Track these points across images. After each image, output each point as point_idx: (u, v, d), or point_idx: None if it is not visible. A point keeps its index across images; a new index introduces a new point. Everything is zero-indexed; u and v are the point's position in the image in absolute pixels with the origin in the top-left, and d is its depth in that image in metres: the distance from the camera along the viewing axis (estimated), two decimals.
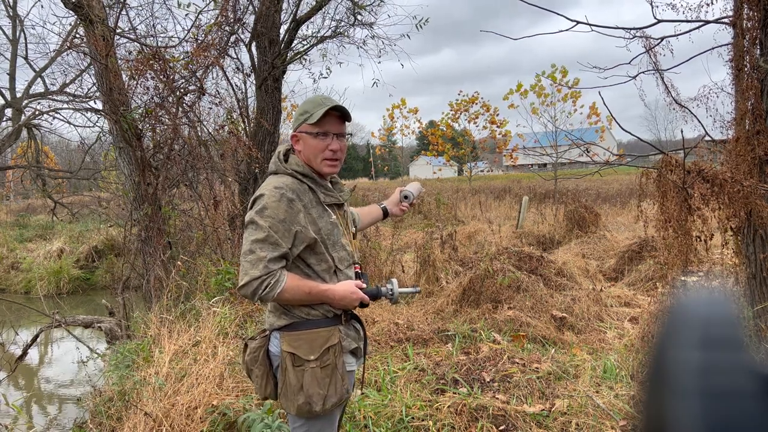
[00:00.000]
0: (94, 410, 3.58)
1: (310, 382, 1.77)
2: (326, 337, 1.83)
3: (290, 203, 1.76)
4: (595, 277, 7.29)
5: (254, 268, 1.71)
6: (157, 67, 5.66)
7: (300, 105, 1.93)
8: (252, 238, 1.74)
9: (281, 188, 1.77)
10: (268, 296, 1.73)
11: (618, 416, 3.11)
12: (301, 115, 1.87)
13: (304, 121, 1.85)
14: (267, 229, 1.73)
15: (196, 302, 4.68)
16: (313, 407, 1.77)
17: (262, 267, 1.71)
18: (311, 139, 1.85)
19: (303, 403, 1.76)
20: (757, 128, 3.15)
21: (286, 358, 1.79)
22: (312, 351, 1.79)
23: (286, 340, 1.81)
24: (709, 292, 0.37)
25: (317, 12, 7.10)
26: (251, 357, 1.90)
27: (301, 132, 1.87)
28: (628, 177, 22.15)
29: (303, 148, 1.87)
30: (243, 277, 1.73)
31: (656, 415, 0.34)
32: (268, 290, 1.72)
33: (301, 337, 1.81)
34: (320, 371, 1.78)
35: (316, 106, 1.86)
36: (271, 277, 1.72)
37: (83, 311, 9.04)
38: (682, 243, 3.22)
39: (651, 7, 3.68)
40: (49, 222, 15.68)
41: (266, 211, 1.74)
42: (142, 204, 5.74)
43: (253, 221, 1.75)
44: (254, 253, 1.72)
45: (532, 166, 54.49)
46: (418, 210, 16.12)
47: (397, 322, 5.07)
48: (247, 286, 1.72)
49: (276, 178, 1.85)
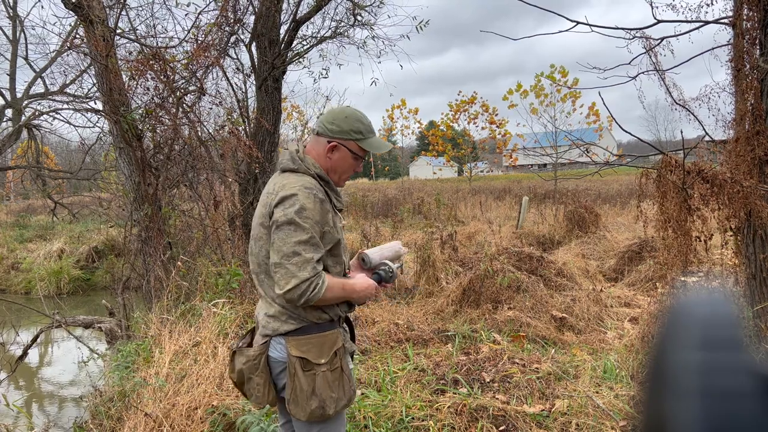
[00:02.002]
0: (95, 410, 3.58)
1: (322, 386, 1.76)
2: (333, 339, 1.83)
3: (322, 204, 1.75)
4: (595, 278, 7.29)
5: (302, 270, 1.68)
6: (157, 67, 5.66)
7: (347, 114, 1.87)
8: (294, 239, 1.69)
9: (311, 189, 1.75)
10: (315, 297, 1.71)
11: (618, 416, 3.11)
12: (352, 131, 1.84)
13: (355, 139, 1.85)
14: (309, 230, 1.70)
15: (196, 302, 4.68)
16: (326, 411, 1.76)
17: (310, 269, 1.69)
18: (351, 158, 1.87)
19: (316, 407, 1.75)
20: (757, 128, 3.15)
21: (296, 363, 1.76)
22: (322, 354, 1.78)
23: (293, 345, 1.78)
24: (709, 292, 0.37)
25: (317, 12, 7.10)
26: (251, 365, 1.84)
27: (344, 146, 1.85)
28: (628, 177, 22.15)
29: (336, 160, 1.86)
30: (289, 280, 1.68)
31: (656, 416, 0.34)
32: (316, 291, 1.70)
33: (311, 341, 1.79)
34: (330, 374, 1.78)
35: (370, 132, 1.88)
36: (318, 277, 1.71)
37: (83, 311, 9.04)
38: (681, 243, 3.22)
39: (651, 7, 3.68)
40: (49, 222, 15.68)
41: (305, 212, 1.71)
42: (142, 204, 5.74)
43: (293, 222, 1.70)
44: (300, 255, 1.69)
45: (532, 167, 54.51)
46: (418, 210, 16.12)
47: (397, 323, 5.07)
48: (296, 288, 1.68)
49: (299, 177, 1.80)
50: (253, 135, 6.92)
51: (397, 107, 38.94)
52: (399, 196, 20.23)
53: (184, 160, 6.16)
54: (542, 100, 24.02)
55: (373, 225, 10.08)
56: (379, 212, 16.02)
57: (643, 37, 3.83)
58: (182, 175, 6.17)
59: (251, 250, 1.90)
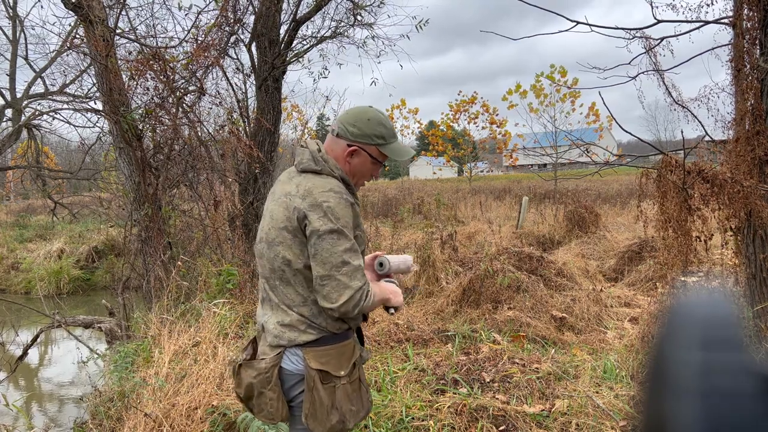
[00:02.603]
0: (95, 410, 3.58)
1: (343, 399, 1.69)
2: (351, 349, 1.77)
3: (352, 208, 1.69)
4: (595, 278, 7.29)
5: (354, 280, 1.62)
6: (157, 67, 5.66)
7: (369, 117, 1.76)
8: (341, 248, 1.62)
9: (341, 193, 1.68)
10: (367, 306, 1.64)
11: (618, 416, 3.11)
12: (375, 135, 1.75)
13: (376, 144, 1.77)
14: (350, 237, 1.65)
15: (196, 302, 4.68)
16: (346, 425, 1.69)
17: (360, 276, 1.63)
18: (370, 163, 1.79)
19: (337, 422, 1.67)
20: (757, 128, 3.15)
21: (315, 376, 1.67)
22: (341, 366, 1.71)
23: (312, 356, 1.69)
24: (709, 292, 0.37)
25: (317, 12, 7.10)
26: (263, 378, 1.72)
27: (365, 150, 1.76)
28: (628, 177, 22.16)
29: (356, 164, 1.78)
30: (343, 291, 1.61)
31: (656, 416, 0.34)
32: (367, 299, 1.64)
33: (330, 353, 1.71)
34: (350, 387, 1.72)
35: (392, 137, 1.80)
36: (368, 285, 1.66)
37: (83, 311, 9.04)
38: (682, 243, 3.22)
39: (651, 7, 3.69)
40: (49, 222, 15.67)
41: (341, 220, 1.64)
42: (142, 204, 5.74)
43: (336, 230, 1.62)
44: (349, 263, 1.62)
45: (532, 167, 54.53)
46: (418, 210, 16.12)
47: (397, 323, 5.07)
48: (351, 300, 1.61)
49: (325, 180, 1.71)
50: (253, 135, 6.92)
51: (396, 107, 38.94)
52: (399, 196, 20.23)
53: (184, 160, 6.16)
54: (542, 100, 24.03)
55: (373, 225, 10.07)
56: (379, 212, 16.02)
57: (643, 37, 3.84)
58: (182, 175, 6.17)
59: (262, 253, 1.78)
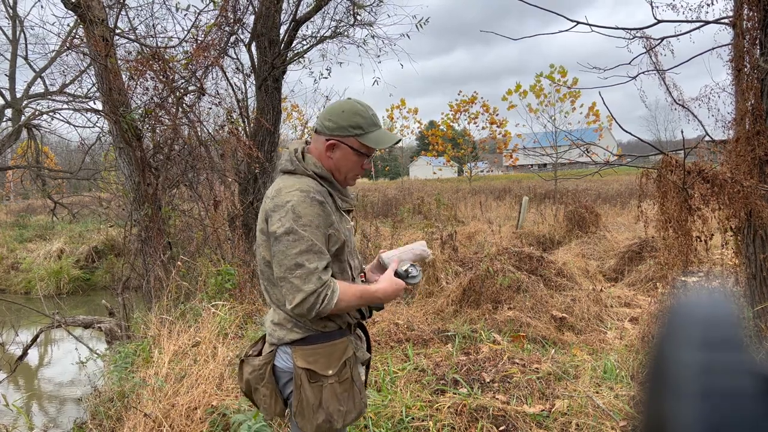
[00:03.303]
0: (94, 410, 3.58)
1: (330, 399, 1.67)
2: (342, 349, 1.74)
3: (321, 206, 1.63)
4: (595, 278, 7.29)
5: (307, 283, 1.58)
6: (156, 67, 5.66)
7: (344, 108, 1.72)
8: (295, 250, 1.59)
9: (308, 191, 1.63)
10: (326, 309, 1.60)
11: (618, 417, 3.11)
12: (351, 126, 1.69)
13: (354, 135, 1.70)
14: (309, 238, 1.59)
15: (195, 303, 4.68)
16: (333, 425, 1.67)
17: (315, 279, 1.58)
18: (353, 155, 1.72)
19: (323, 421, 1.66)
20: (757, 128, 3.15)
21: (302, 374, 1.68)
22: (330, 365, 1.69)
23: (299, 355, 1.69)
24: (709, 292, 0.37)
25: (317, 12, 7.10)
26: (256, 375, 1.76)
27: (344, 143, 1.71)
28: (628, 177, 22.16)
29: (338, 159, 1.73)
30: (296, 294, 1.59)
31: (656, 416, 0.34)
32: (326, 303, 1.60)
33: (318, 351, 1.70)
34: (339, 386, 1.69)
35: (372, 125, 1.73)
36: (326, 287, 1.60)
37: (83, 311, 9.04)
38: (682, 243, 3.22)
39: (651, 7, 3.68)
40: (49, 222, 15.68)
41: (302, 219, 1.59)
42: (142, 204, 5.74)
43: (291, 231, 1.59)
44: (303, 266, 1.58)
45: (532, 167, 54.54)
46: (418, 210, 16.12)
47: (397, 323, 5.07)
48: (303, 303, 1.58)
49: (295, 180, 1.69)
50: (253, 135, 6.92)
51: (396, 107, 38.94)
52: (399, 196, 20.24)
53: (183, 160, 6.16)
54: (542, 100, 24.03)
55: (373, 225, 10.07)
56: (379, 212, 16.02)
57: (643, 37, 3.84)
58: (182, 175, 6.17)
59: (257, 255, 1.81)
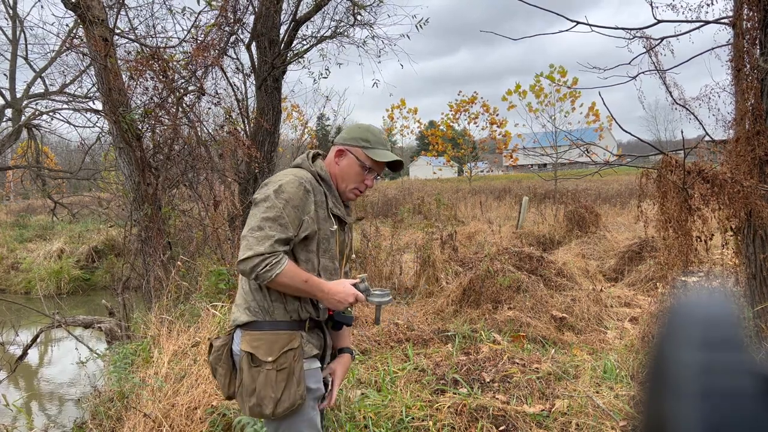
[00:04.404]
0: (94, 410, 3.58)
1: (264, 384, 1.73)
2: (287, 340, 1.78)
3: (306, 193, 1.77)
4: (595, 278, 7.29)
5: (260, 245, 1.68)
6: (156, 67, 5.66)
7: (359, 125, 1.94)
8: (263, 215, 1.71)
9: (301, 178, 1.79)
10: (266, 276, 1.68)
11: (618, 416, 3.11)
12: (361, 139, 1.88)
13: (361, 147, 1.88)
14: (281, 210, 1.71)
15: (195, 303, 4.68)
16: (263, 410, 1.72)
17: (268, 245, 1.68)
18: (357, 166, 1.88)
19: (254, 404, 1.73)
20: (757, 128, 3.15)
21: (244, 357, 1.76)
22: (270, 352, 1.75)
23: (246, 339, 1.78)
24: (709, 292, 0.37)
25: (317, 12, 7.10)
26: (215, 356, 1.88)
27: (351, 152, 1.89)
28: (628, 177, 22.16)
29: (343, 166, 1.89)
30: (245, 251, 1.69)
31: (656, 416, 0.34)
32: (267, 269, 1.68)
33: (261, 337, 1.77)
34: (276, 374, 1.73)
35: (380, 144, 1.90)
36: (274, 257, 1.69)
37: (83, 311, 9.04)
38: (682, 243, 3.22)
39: (651, 7, 3.68)
40: (49, 222, 15.68)
41: (282, 194, 1.73)
42: (142, 204, 5.74)
43: (268, 198, 1.73)
44: (263, 230, 1.70)
45: (532, 167, 54.54)
46: (418, 210, 16.12)
47: (397, 323, 5.07)
48: (248, 261, 1.68)
49: (296, 170, 1.85)
50: (253, 135, 6.92)
51: (396, 107, 38.95)
52: (399, 196, 20.24)
53: (183, 160, 6.16)
54: (542, 99, 24.03)
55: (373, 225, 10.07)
56: (379, 212, 16.02)
57: (643, 37, 3.84)
58: (182, 175, 6.16)
59: None
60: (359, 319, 5.23)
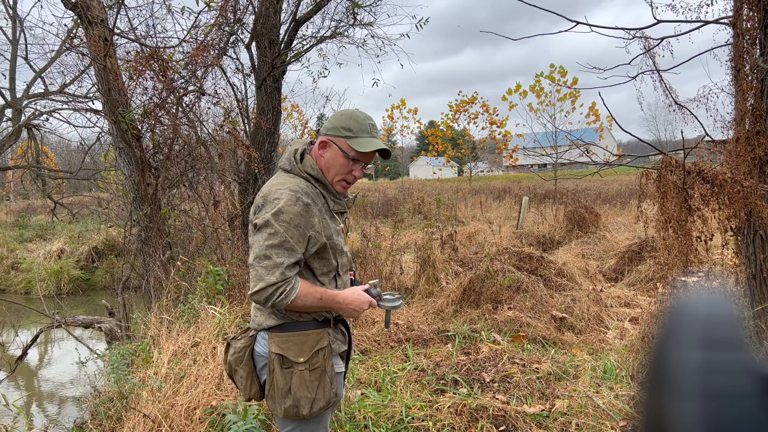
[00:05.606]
0: (94, 411, 3.58)
1: (299, 385, 1.74)
2: (316, 339, 1.80)
3: (306, 207, 1.71)
4: (595, 278, 7.29)
5: (270, 275, 1.66)
6: (156, 67, 5.66)
7: (343, 112, 1.84)
8: (267, 243, 1.67)
9: (297, 191, 1.72)
10: (282, 303, 1.68)
11: (618, 417, 3.11)
12: (343, 128, 1.79)
13: (344, 137, 1.79)
14: (283, 234, 1.67)
15: (195, 303, 4.68)
16: (300, 410, 1.74)
17: (278, 273, 1.66)
18: (341, 158, 1.80)
19: (290, 406, 1.74)
20: (757, 128, 3.15)
21: (275, 359, 1.76)
22: (301, 353, 1.76)
23: (275, 341, 1.78)
24: (709, 292, 0.37)
25: (317, 12, 7.10)
26: (236, 357, 1.86)
27: (335, 143, 1.80)
28: (628, 177, 22.17)
29: (328, 158, 1.81)
30: (257, 282, 1.67)
31: (656, 416, 0.34)
32: (282, 297, 1.67)
33: (291, 339, 1.78)
34: (309, 374, 1.76)
35: (364, 132, 1.80)
36: (287, 284, 1.68)
37: (83, 311, 9.04)
38: (682, 243, 3.22)
39: (651, 7, 3.69)
40: (49, 222, 15.68)
41: (282, 216, 1.68)
42: (141, 204, 5.73)
43: (269, 224, 1.68)
44: (270, 258, 1.66)
45: (532, 167, 54.55)
46: (418, 210, 16.12)
47: (397, 323, 5.07)
48: (262, 292, 1.66)
49: (289, 179, 1.78)
50: (252, 135, 6.92)
51: (396, 107, 38.93)
52: (399, 196, 20.26)
53: (183, 160, 6.16)
54: (542, 99, 24.04)
55: (373, 225, 10.07)
56: (379, 212, 16.02)
57: (642, 37, 3.83)
58: (182, 175, 6.16)
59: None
60: (359, 319, 5.22)
